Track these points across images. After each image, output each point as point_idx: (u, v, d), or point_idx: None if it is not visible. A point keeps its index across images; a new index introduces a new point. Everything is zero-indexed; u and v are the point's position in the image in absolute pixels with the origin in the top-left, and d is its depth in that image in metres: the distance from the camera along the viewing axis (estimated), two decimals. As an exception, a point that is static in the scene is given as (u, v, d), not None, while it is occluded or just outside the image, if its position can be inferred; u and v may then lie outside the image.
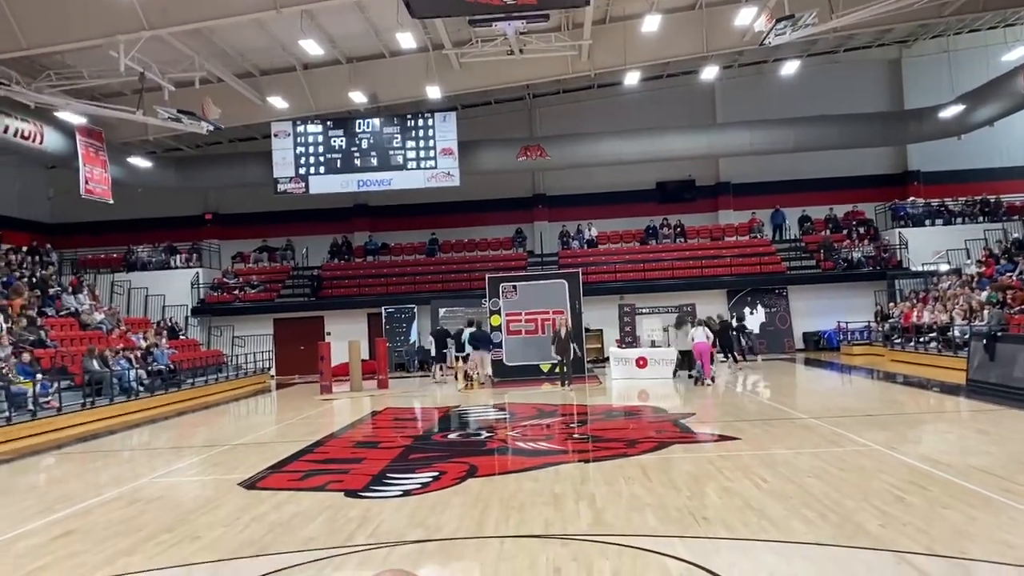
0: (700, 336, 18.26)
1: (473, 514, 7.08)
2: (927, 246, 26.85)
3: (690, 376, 18.90)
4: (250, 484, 8.98)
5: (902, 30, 26.99)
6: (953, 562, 5.20)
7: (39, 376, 15.81)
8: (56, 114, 20.60)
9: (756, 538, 5.92)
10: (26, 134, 20.08)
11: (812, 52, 27.67)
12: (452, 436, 12.56)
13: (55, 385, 15.83)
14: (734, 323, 22.65)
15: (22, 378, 15.21)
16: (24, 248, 24.66)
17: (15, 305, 19.00)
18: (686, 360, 19.20)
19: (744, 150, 27.69)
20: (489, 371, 21.19)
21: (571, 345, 19.39)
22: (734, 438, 10.48)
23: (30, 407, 14.73)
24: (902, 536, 5.76)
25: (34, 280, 22.00)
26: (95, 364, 17.59)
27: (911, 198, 29.10)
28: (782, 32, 18.56)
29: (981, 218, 27.65)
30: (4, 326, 17.26)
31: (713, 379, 18.09)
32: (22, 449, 13.12)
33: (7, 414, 14.12)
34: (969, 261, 24.90)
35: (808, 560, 5.37)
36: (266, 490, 8.66)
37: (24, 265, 22.94)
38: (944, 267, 25.56)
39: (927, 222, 28.10)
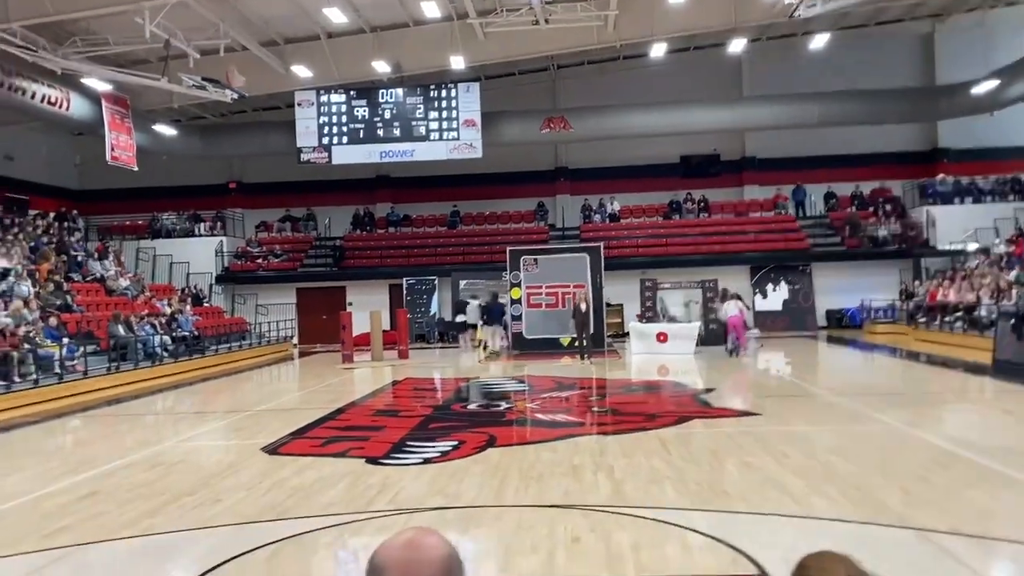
0: (733, 310, 18.93)
1: (492, 483, 7.10)
2: (955, 224, 26.38)
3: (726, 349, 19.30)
4: (272, 449, 9.06)
5: (936, 3, 26.37)
6: (977, 541, 5.15)
7: (65, 340, 16.02)
8: (82, 81, 20.67)
9: (777, 513, 5.90)
10: (53, 100, 20.19)
11: (843, 25, 27.09)
12: (472, 407, 12.60)
13: (81, 349, 16.05)
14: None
15: (49, 341, 15.43)
16: (51, 214, 24.91)
17: (42, 270, 19.23)
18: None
19: (770, 124, 27.30)
20: (497, 344, 21.40)
21: (590, 319, 19.39)
22: (755, 414, 10.44)
23: (56, 370, 14.95)
24: (925, 515, 5.71)
25: (61, 246, 22.24)
26: (120, 329, 17.79)
27: (940, 175, 28.58)
28: (813, 4, 18.25)
29: (1012, 197, 27.12)
30: (31, 290, 17.49)
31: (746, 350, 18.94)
32: (48, 411, 13.33)
33: (34, 376, 14.34)
34: (998, 240, 24.49)
35: (829, 536, 5.33)
36: (288, 456, 8.74)
37: (51, 231, 23.18)
38: (972, 246, 25.16)
39: (956, 200, 27.61)
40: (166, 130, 25.85)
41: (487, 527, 5.94)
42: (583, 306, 19.15)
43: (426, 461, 8.20)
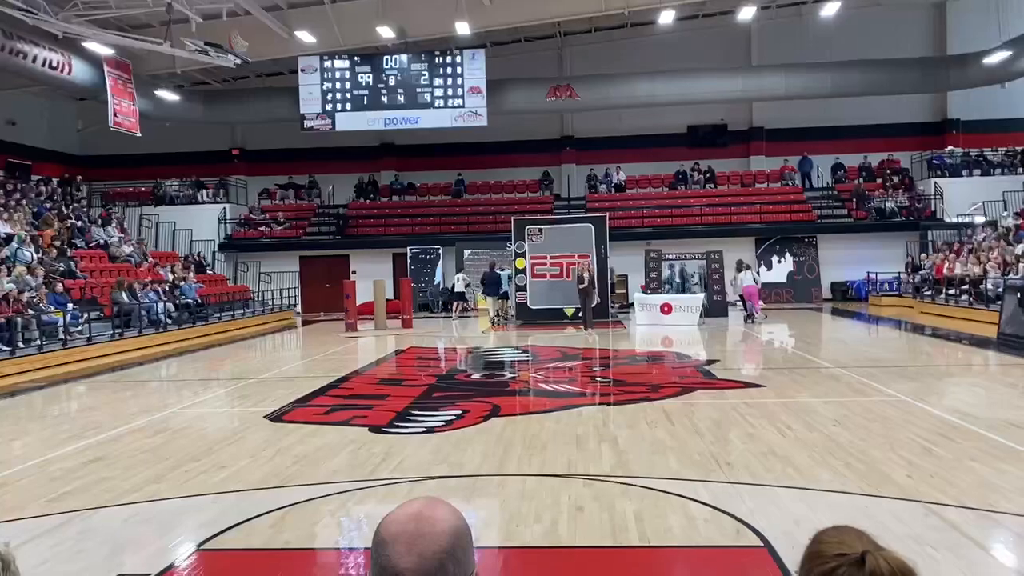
0: (748, 280, 20.40)
1: (496, 452, 7.11)
2: (963, 197, 26.21)
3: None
4: (276, 417, 9.08)
5: (949, -29, 26.00)
6: (981, 514, 5.14)
7: (70, 306, 16.03)
8: (84, 45, 20.48)
9: (781, 485, 5.89)
10: (54, 64, 20.02)
11: (854, -7, 26.74)
12: (475, 376, 12.60)
13: (85, 316, 16.06)
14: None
15: (53, 308, 15.43)
16: (55, 180, 24.82)
17: (46, 236, 19.19)
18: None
19: (779, 94, 27.01)
20: (492, 312, 21.94)
21: (594, 290, 19.43)
22: (759, 385, 10.42)
23: (60, 336, 14.98)
24: (930, 487, 5.70)
25: (65, 211, 22.17)
26: (124, 296, 17.80)
27: (949, 147, 28.35)
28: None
29: (1021, 169, 26.92)
30: (35, 256, 17.47)
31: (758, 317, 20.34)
32: (53, 377, 13.38)
33: (39, 342, 14.38)
34: (1006, 213, 24.32)
35: (834, 508, 5.32)
36: (291, 423, 8.76)
37: (55, 197, 23.11)
38: (980, 219, 25.00)
39: (964, 172, 27.40)
40: (168, 96, 25.65)
41: (491, 496, 5.94)
42: (585, 276, 19.13)
43: (430, 430, 8.20)
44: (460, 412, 9.07)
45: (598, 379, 12.01)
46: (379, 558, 1.24)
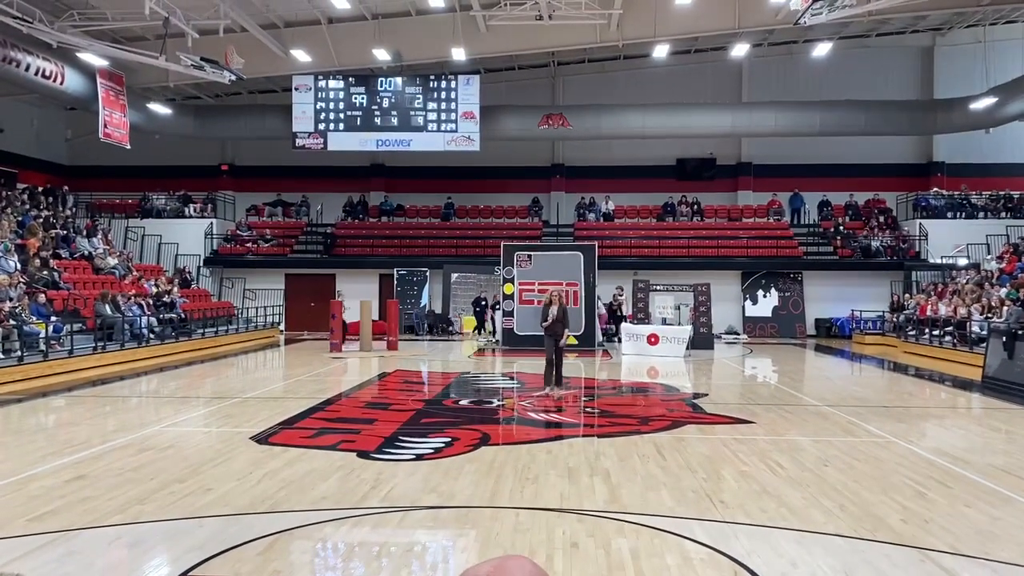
0: (601, 308, 23.09)
1: (487, 483, 7.02)
2: (947, 239, 26.54)
3: None
4: (262, 439, 8.95)
5: (937, 17, 26.45)
6: (979, 563, 5.11)
7: (52, 318, 15.80)
8: (78, 55, 20.39)
9: (775, 525, 5.84)
10: (47, 73, 19.91)
11: (844, 35, 27.15)
12: (463, 402, 12.49)
13: (67, 328, 15.83)
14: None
15: (35, 319, 15.20)
16: (40, 189, 24.58)
17: (31, 245, 18.95)
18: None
19: (768, 131, 27.33)
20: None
21: (565, 330, 12.85)
22: (748, 421, 10.39)
23: (41, 348, 14.75)
24: (925, 533, 5.67)
25: (51, 221, 21.93)
26: (107, 309, 17.58)
27: (934, 189, 28.73)
28: (818, 12, 18.16)
29: (1004, 213, 27.30)
30: (17, 266, 17.23)
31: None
32: (33, 389, 13.14)
33: (19, 354, 14.14)
34: (989, 256, 24.62)
35: (830, 552, 5.28)
36: (278, 446, 8.62)
37: (40, 206, 22.86)
38: (963, 261, 25.29)
39: (949, 214, 27.75)
40: (160, 109, 25.56)
41: (483, 528, 5.84)
42: (554, 310, 12.61)
43: (419, 457, 8.11)
44: (449, 439, 8.97)
45: (588, 410, 11.94)
46: None
